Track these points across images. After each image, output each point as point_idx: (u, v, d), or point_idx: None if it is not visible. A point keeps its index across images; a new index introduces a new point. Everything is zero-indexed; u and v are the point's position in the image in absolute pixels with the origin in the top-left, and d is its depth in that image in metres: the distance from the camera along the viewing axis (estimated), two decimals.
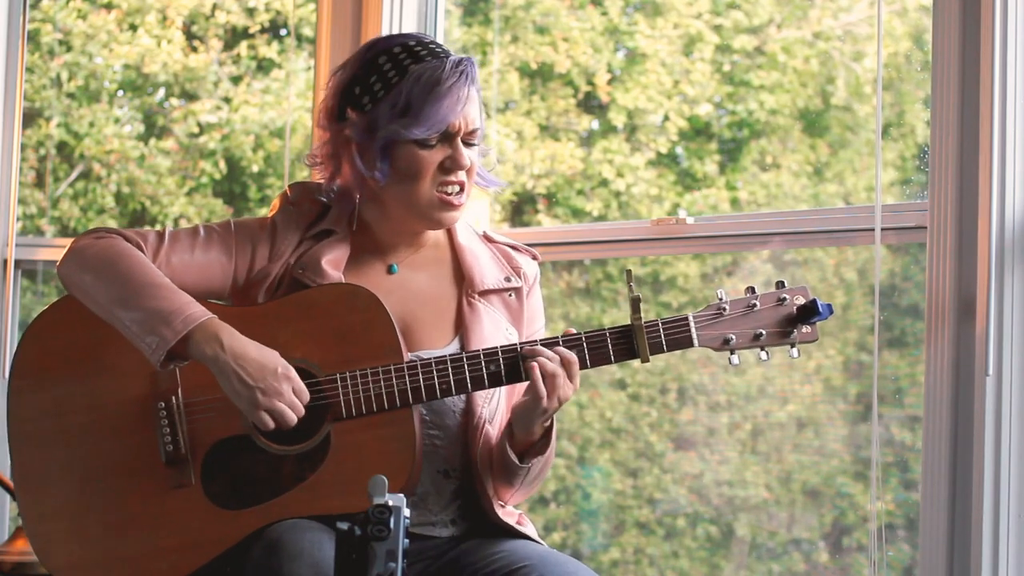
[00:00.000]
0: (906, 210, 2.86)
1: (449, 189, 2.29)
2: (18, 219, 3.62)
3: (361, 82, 2.30)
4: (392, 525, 1.71)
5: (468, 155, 2.29)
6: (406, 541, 1.72)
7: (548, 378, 2.19)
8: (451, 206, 2.30)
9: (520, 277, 2.41)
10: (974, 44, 2.67)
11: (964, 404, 2.67)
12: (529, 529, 2.37)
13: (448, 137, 2.27)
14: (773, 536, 5.56)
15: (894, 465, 4.67)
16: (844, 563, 5.36)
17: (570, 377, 2.21)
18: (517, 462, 2.26)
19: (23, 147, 5.42)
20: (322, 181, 2.39)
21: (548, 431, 2.28)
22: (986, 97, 2.64)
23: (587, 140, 6.36)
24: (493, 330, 2.34)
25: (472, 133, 2.29)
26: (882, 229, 2.82)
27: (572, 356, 2.21)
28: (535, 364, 2.19)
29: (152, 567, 2.24)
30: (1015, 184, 2.64)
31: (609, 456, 5.86)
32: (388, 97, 2.26)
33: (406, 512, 1.72)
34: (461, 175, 2.29)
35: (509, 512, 2.35)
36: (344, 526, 1.72)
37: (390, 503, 1.72)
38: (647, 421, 5.91)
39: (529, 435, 2.25)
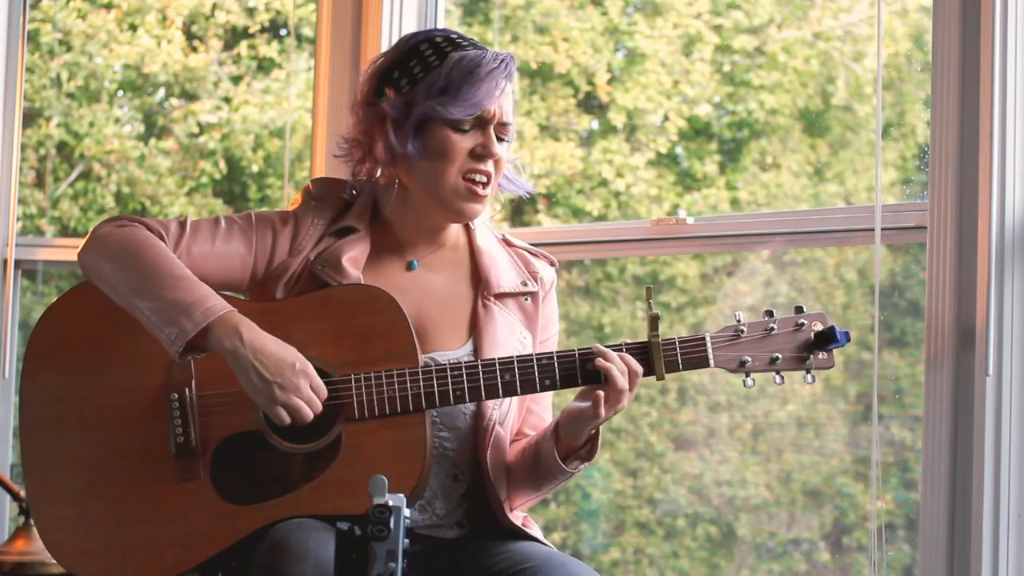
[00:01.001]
0: (906, 210, 2.86)
1: (476, 177, 2.29)
2: (18, 219, 3.62)
3: (400, 66, 2.32)
4: (392, 525, 1.71)
5: (498, 148, 2.30)
6: (406, 541, 1.72)
7: (615, 392, 2.19)
8: (475, 196, 2.30)
9: (537, 282, 2.41)
10: (974, 44, 2.67)
11: (964, 404, 2.66)
12: (535, 531, 2.37)
13: (482, 124, 2.29)
14: (773, 536, 5.56)
15: (894, 465, 4.67)
16: (844, 563, 5.36)
17: (630, 388, 2.21)
18: (564, 466, 2.26)
19: (23, 147, 5.42)
20: (347, 175, 2.39)
21: (592, 438, 2.28)
22: (986, 97, 2.64)
23: (587, 140, 6.37)
24: (507, 333, 2.34)
25: (504, 127, 2.31)
26: (882, 229, 2.82)
27: (637, 368, 2.21)
28: (608, 367, 2.19)
29: (157, 558, 2.24)
30: (1015, 184, 2.64)
31: (609, 456, 5.86)
32: (427, 77, 2.28)
33: (406, 512, 1.72)
34: (489, 165, 2.30)
35: (515, 515, 2.35)
36: (344, 526, 1.72)
37: (390, 503, 1.72)
38: (647, 421, 5.91)
39: (575, 440, 2.26)
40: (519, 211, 6.13)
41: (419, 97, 2.27)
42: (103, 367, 2.31)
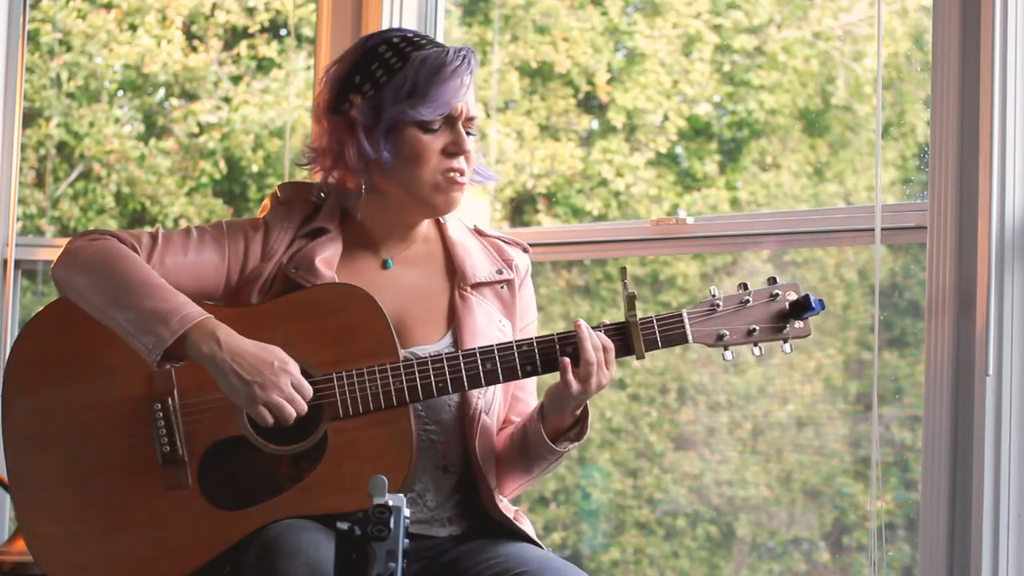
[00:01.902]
0: (906, 210, 2.86)
1: (451, 175, 2.30)
2: (18, 219, 3.62)
3: (361, 70, 2.32)
4: (392, 525, 1.71)
5: (468, 143, 2.31)
6: (406, 541, 1.72)
7: (584, 365, 2.19)
8: (455, 185, 2.31)
9: (512, 269, 2.42)
10: (974, 44, 2.67)
11: (964, 404, 2.67)
12: (526, 526, 2.37)
13: (450, 121, 2.30)
14: (773, 536, 5.56)
15: (894, 465, 4.67)
16: (844, 563, 5.36)
17: (607, 363, 2.21)
18: (553, 446, 2.26)
19: (23, 147, 5.42)
20: (315, 180, 2.40)
21: (580, 418, 2.28)
22: (986, 97, 2.64)
23: (587, 140, 6.36)
24: (486, 323, 2.34)
25: (471, 121, 2.32)
26: (882, 229, 2.82)
27: (608, 342, 2.22)
28: (581, 337, 2.20)
29: (149, 569, 2.24)
30: (1015, 184, 2.64)
31: (609, 456, 5.86)
32: (392, 81, 2.28)
33: (406, 512, 1.72)
34: (461, 161, 2.31)
35: (506, 507, 2.36)
36: (344, 526, 1.72)
37: (390, 503, 1.72)
38: (647, 421, 5.90)
39: (561, 421, 2.26)
40: (519, 211, 6.13)
41: (387, 101, 2.27)
42: (84, 381, 2.30)
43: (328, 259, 2.32)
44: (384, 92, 2.28)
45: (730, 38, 6.19)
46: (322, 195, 2.38)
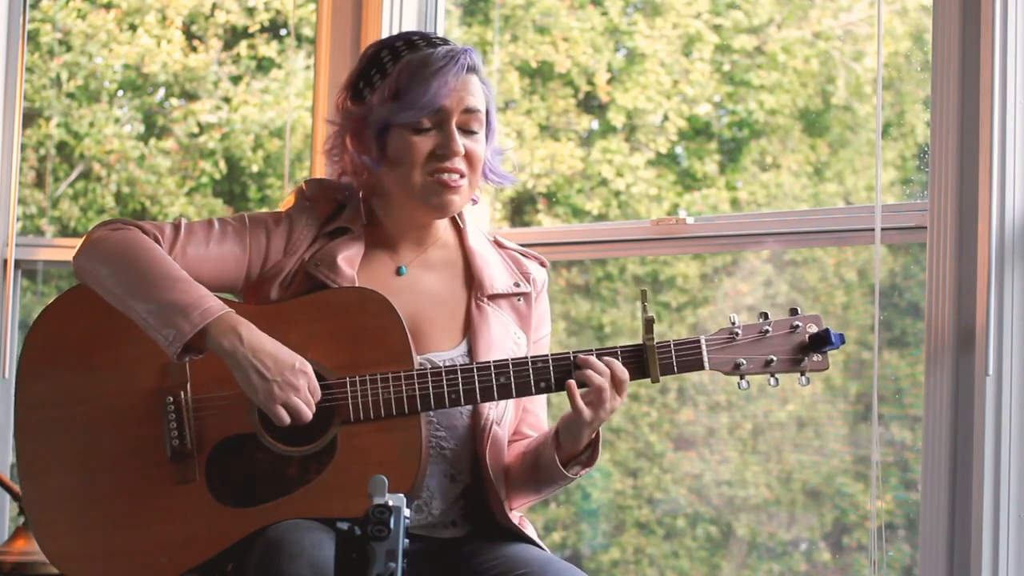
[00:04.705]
0: (906, 210, 2.86)
1: (444, 177, 2.28)
2: (18, 219, 3.62)
3: (364, 76, 2.33)
4: (392, 525, 1.71)
5: (465, 143, 2.29)
6: (406, 541, 1.72)
7: (595, 392, 2.19)
8: (448, 188, 2.28)
9: (529, 283, 2.41)
10: (974, 44, 2.67)
11: (964, 404, 2.66)
12: (529, 530, 2.37)
13: (441, 122, 2.28)
14: (773, 536, 5.56)
15: (894, 465, 4.67)
16: (844, 563, 5.36)
17: (618, 392, 2.21)
18: (566, 472, 2.26)
19: (23, 147, 5.42)
20: (334, 177, 2.40)
21: (593, 442, 2.28)
22: (986, 97, 2.64)
23: (587, 140, 6.37)
24: (501, 334, 2.34)
25: (469, 119, 2.29)
26: (882, 229, 2.82)
27: (623, 373, 2.21)
28: (581, 376, 2.20)
29: (153, 561, 2.24)
30: (1015, 184, 2.64)
31: (609, 456, 5.86)
32: (382, 85, 2.29)
33: (406, 512, 1.72)
34: (457, 163, 2.29)
35: (512, 514, 2.36)
36: (344, 526, 1.72)
37: (390, 503, 1.72)
38: (647, 421, 5.91)
39: (576, 445, 2.26)
40: (519, 211, 6.13)
41: (375, 106, 2.28)
42: (98, 370, 2.31)
43: (350, 258, 2.31)
44: (374, 96, 2.29)
45: (730, 38, 6.19)
46: (347, 193, 2.39)
